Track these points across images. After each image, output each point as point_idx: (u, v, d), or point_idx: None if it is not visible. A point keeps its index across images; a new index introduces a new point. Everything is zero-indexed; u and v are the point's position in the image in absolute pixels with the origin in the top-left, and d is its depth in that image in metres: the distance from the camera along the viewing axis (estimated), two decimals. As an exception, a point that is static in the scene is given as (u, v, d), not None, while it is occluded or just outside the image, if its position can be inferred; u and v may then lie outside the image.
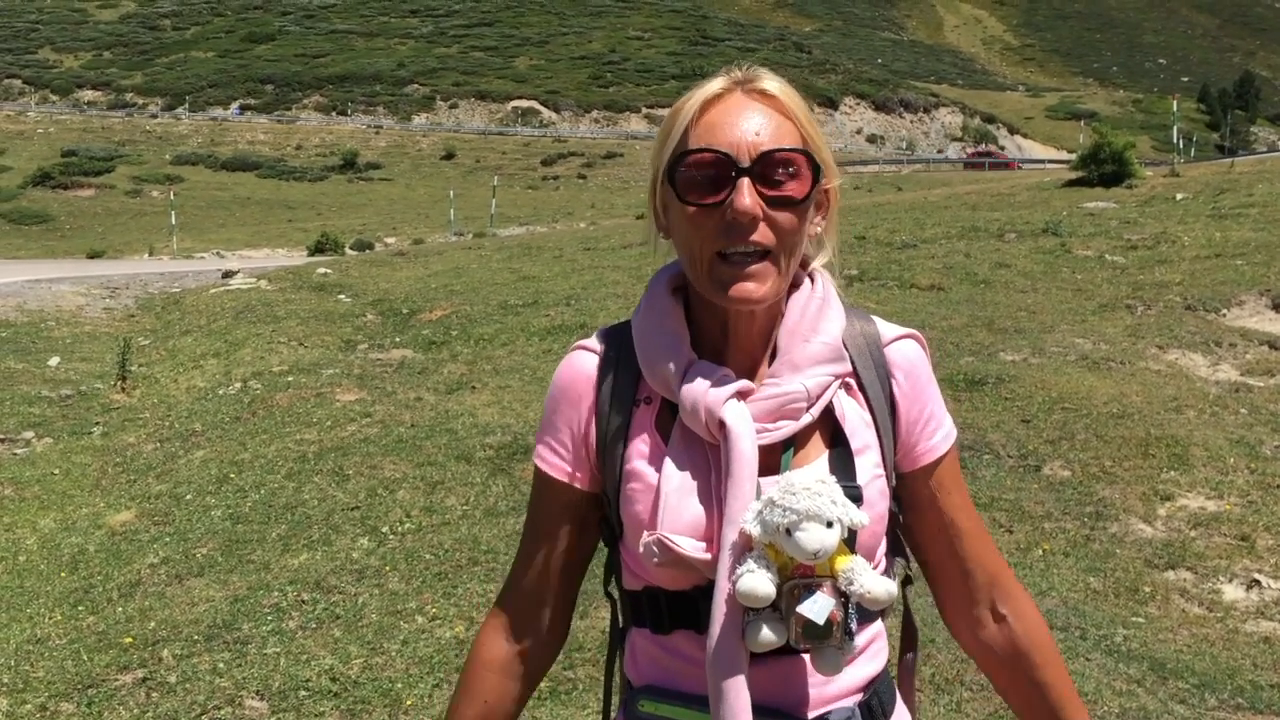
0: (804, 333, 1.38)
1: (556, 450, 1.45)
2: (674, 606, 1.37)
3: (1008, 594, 1.46)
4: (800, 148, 1.33)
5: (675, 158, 1.34)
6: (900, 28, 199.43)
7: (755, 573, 1.24)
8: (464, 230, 37.93)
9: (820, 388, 1.36)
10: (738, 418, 1.31)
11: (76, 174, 63.60)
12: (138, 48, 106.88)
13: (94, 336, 13.29)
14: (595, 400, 1.42)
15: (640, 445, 1.39)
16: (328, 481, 6.55)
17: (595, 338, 1.47)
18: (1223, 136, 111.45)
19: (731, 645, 1.28)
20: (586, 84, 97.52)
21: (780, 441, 1.35)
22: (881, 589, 1.26)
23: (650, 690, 1.40)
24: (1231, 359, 8.84)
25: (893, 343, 1.44)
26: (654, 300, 1.44)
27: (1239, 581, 5.25)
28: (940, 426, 1.45)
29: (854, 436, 1.38)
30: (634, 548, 1.37)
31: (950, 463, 1.46)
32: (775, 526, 1.23)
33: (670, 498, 1.33)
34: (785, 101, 1.36)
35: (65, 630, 4.92)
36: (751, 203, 1.29)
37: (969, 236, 14.97)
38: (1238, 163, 24.75)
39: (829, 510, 1.23)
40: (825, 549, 1.23)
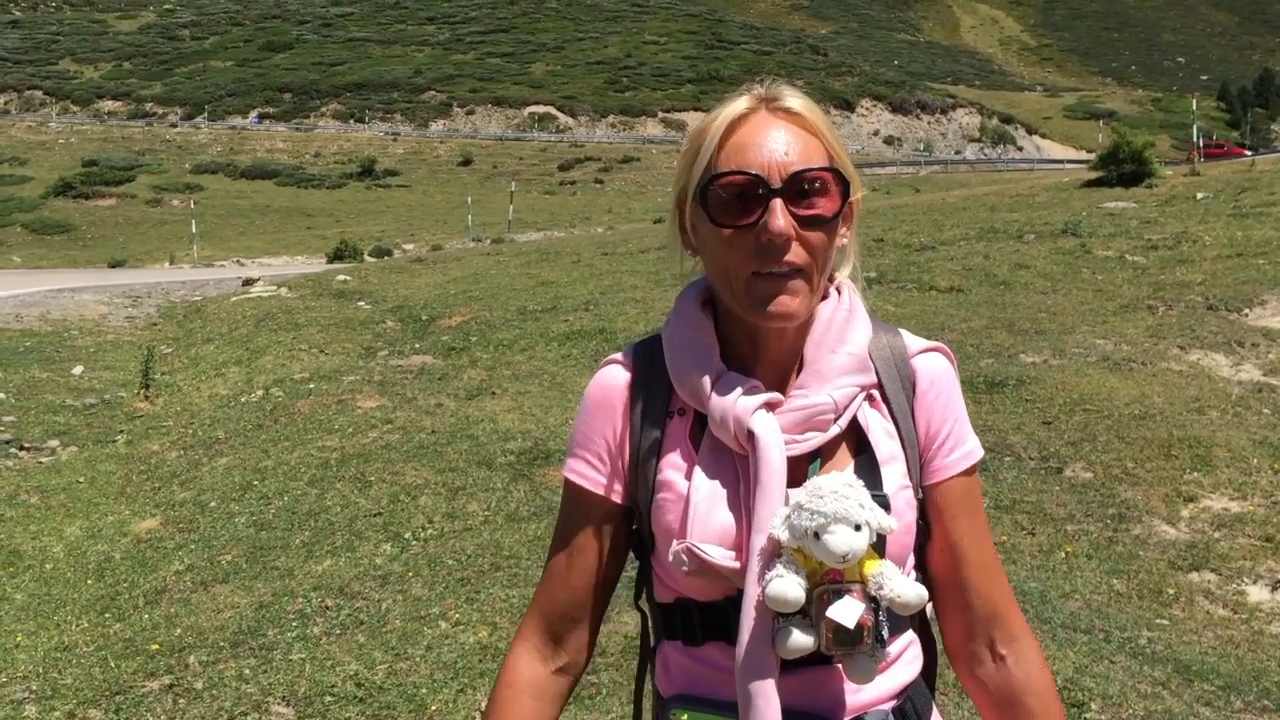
0: (830, 344, 1.39)
1: (591, 463, 1.45)
2: (706, 618, 1.38)
3: (1010, 635, 1.43)
4: (829, 165, 1.34)
5: (706, 180, 1.35)
6: (916, 29, 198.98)
7: (784, 577, 1.24)
8: (482, 236, 38.05)
9: (847, 399, 1.37)
10: (766, 428, 1.32)
11: (97, 184, 64.11)
12: (157, 58, 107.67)
13: (117, 345, 13.40)
14: (629, 413, 1.43)
15: (673, 457, 1.40)
16: (350, 488, 6.58)
17: (626, 352, 1.48)
18: (1243, 135, 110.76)
19: (761, 651, 1.28)
20: (603, 89, 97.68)
21: (808, 453, 1.35)
22: (912, 593, 1.25)
23: (682, 698, 1.40)
24: (1254, 359, 8.79)
25: (919, 355, 1.44)
26: (684, 314, 1.45)
27: (1264, 583, 5.23)
28: (959, 445, 1.43)
29: (879, 447, 1.38)
30: (664, 558, 1.38)
31: (964, 485, 1.43)
32: (803, 530, 1.24)
33: (699, 506, 1.34)
34: (810, 118, 1.37)
35: (92, 637, 4.96)
36: (785, 224, 1.30)
37: (988, 238, 14.92)
38: (1258, 161, 24.62)
39: (857, 513, 1.23)
40: (854, 551, 1.23)
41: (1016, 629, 1.43)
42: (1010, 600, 1.45)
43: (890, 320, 1.49)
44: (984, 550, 1.44)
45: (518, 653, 1.48)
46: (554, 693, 1.48)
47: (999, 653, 1.42)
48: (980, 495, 1.47)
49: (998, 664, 1.42)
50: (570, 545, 1.47)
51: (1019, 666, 1.42)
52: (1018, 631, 1.43)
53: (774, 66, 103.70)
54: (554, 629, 1.47)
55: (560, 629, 1.47)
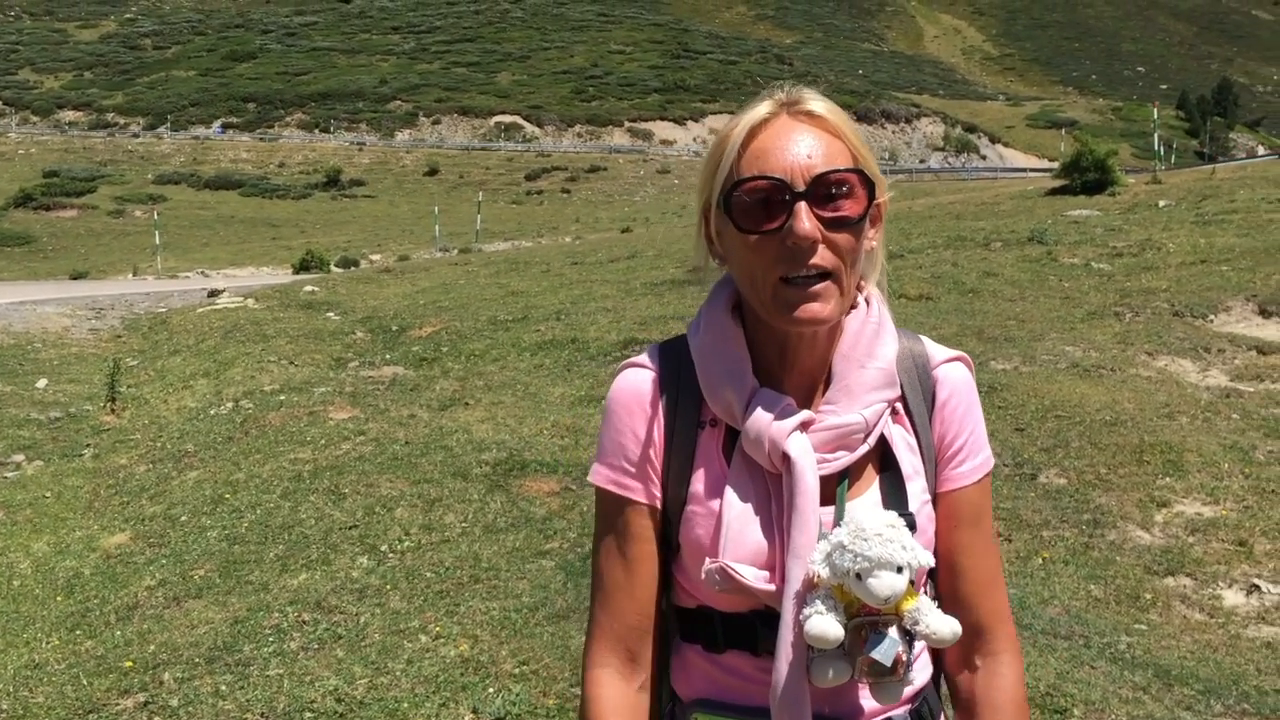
0: (859, 358, 1.38)
1: (626, 470, 1.42)
2: (729, 627, 1.37)
3: (989, 650, 1.44)
4: (853, 167, 1.33)
5: (730, 186, 1.33)
6: (880, 39, 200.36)
7: (824, 615, 1.24)
8: (449, 246, 37.90)
9: (876, 416, 1.36)
10: (802, 451, 1.32)
11: (58, 194, 63.33)
12: (119, 67, 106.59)
13: (81, 358, 13.23)
14: (659, 419, 1.41)
15: (704, 469, 1.39)
16: (324, 500, 6.52)
17: (649, 355, 1.46)
18: (1202, 143, 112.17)
19: (797, 680, 1.29)
20: (569, 98, 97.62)
21: (837, 472, 1.35)
22: (948, 630, 1.27)
23: (704, 704, 1.40)
24: (1221, 364, 8.88)
25: (942, 365, 1.44)
26: (714, 321, 1.42)
27: (1239, 587, 5.27)
28: (971, 457, 1.43)
29: (904, 464, 1.38)
30: (689, 568, 1.37)
31: (972, 496, 1.43)
32: (845, 571, 1.24)
33: (732, 526, 1.33)
34: (832, 121, 1.36)
35: (63, 655, 4.88)
36: (811, 227, 1.29)
37: (955, 246, 15.02)
38: (1218, 169, 24.92)
39: (900, 556, 1.23)
40: (896, 594, 1.23)
41: (999, 645, 1.44)
42: (1000, 616, 1.45)
43: None
44: (982, 563, 1.44)
45: (600, 680, 1.44)
46: (643, 709, 1.45)
47: (975, 664, 1.44)
48: (989, 506, 1.47)
49: (971, 674, 1.44)
50: (625, 557, 1.43)
51: (987, 680, 1.43)
52: (999, 648, 1.44)
53: (739, 76, 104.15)
54: (629, 646, 1.44)
55: (635, 645, 1.44)
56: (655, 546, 1.43)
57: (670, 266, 15.70)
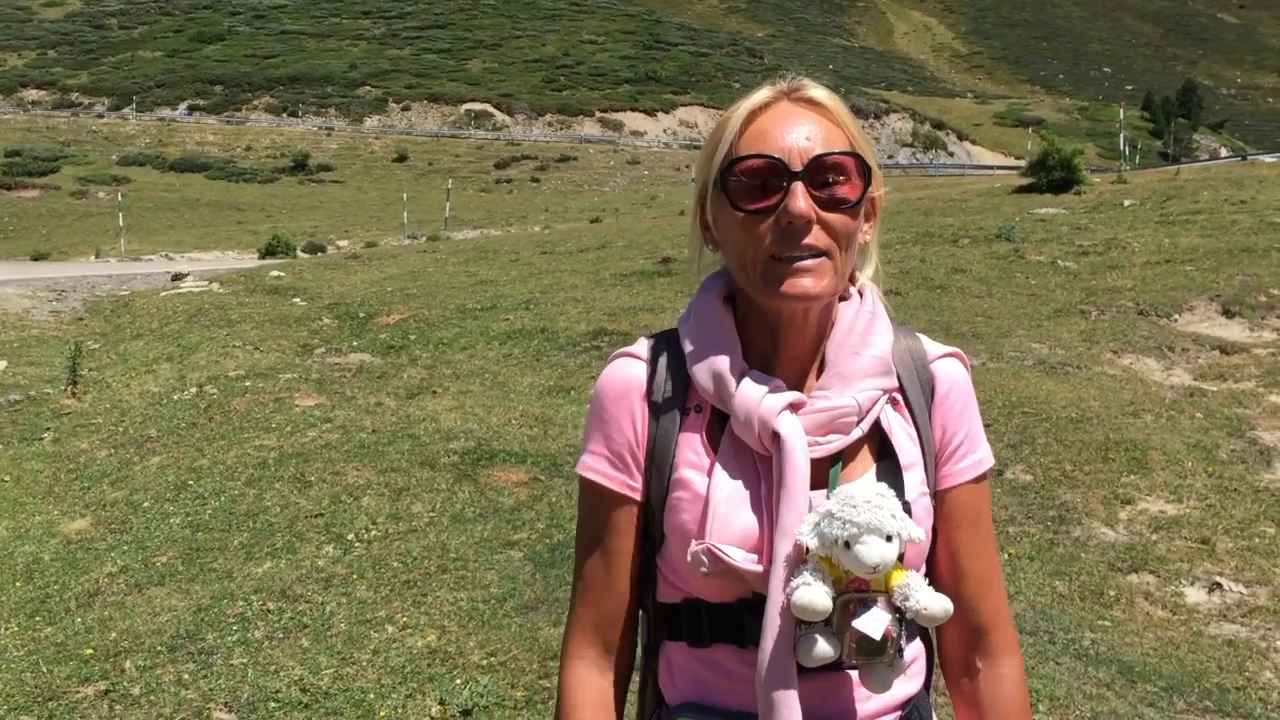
0: (853, 345, 1.37)
1: (612, 461, 1.41)
2: (715, 619, 1.35)
3: (990, 650, 1.43)
4: (851, 150, 1.33)
5: (726, 164, 1.33)
6: (851, 34, 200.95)
7: (812, 585, 1.22)
8: (418, 233, 37.70)
9: (870, 402, 1.35)
10: (792, 430, 1.30)
11: (20, 174, 62.53)
12: (84, 46, 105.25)
13: (42, 340, 13.04)
14: (645, 408, 1.40)
15: (689, 454, 1.37)
16: (289, 488, 6.46)
17: (640, 344, 1.45)
18: (1166, 144, 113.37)
19: (784, 659, 1.26)
20: (540, 87, 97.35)
21: (829, 455, 1.33)
22: (939, 605, 1.24)
23: (689, 708, 1.37)
24: (1185, 363, 8.98)
25: (938, 360, 1.43)
26: (705, 308, 1.41)
27: (1200, 584, 5.33)
28: (970, 453, 1.42)
29: (902, 452, 1.36)
30: (675, 559, 1.36)
31: (972, 493, 1.42)
32: (834, 539, 1.22)
33: (720, 507, 1.32)
34: (833, 108, 1.35)
35: (22, 641, 4.81)
36: (805, 206, 1.28)
37: (924, 242, 15.09)
38: (1182, 170, 25.19)
39: (889, 524, 1.21)
40: (885, 563, 1.21)
41: (999, 646, 1.44)
42: (1000, 616, 1.45)
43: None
44: (982, 563, 1.44)
45: (577, 671, 1.43)
46: (617, 702, 1.45)
47: (976, 666, 1.43)
48: (988, 504, 1.46)
49: (973, 677, 1.43)
50: (605, 549, 1.42)
51: (990, 682, 1.43)
52: (999, 649, 1.44)
53: (711, 68, 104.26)
54: (606, 638, 1.44)
55: (612, 636, 1.44)
56: (636, 540, 1.41)
57: (640, 257, 15.67)
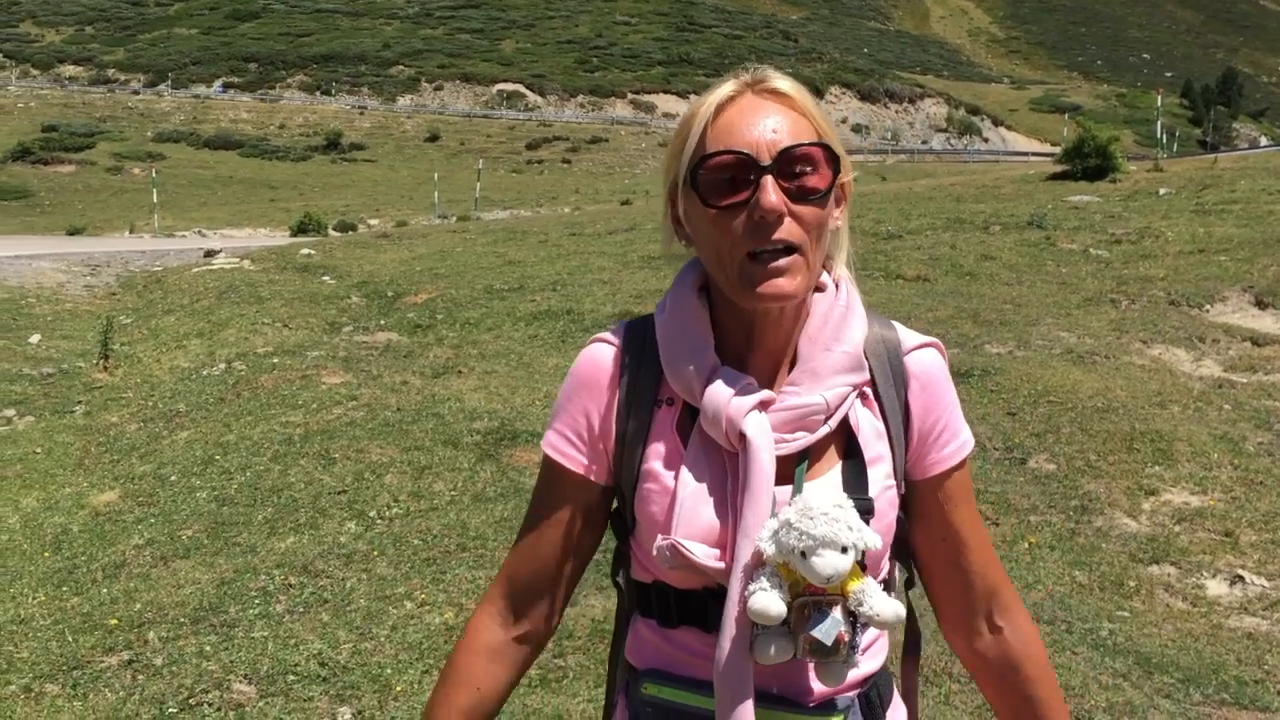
0: (826, 340, 1.38)
1: (572, 441, 1.44)
2: (681, 604, 1.39)
3: (1006, 608, 1.48)
4: (818, 140, 1.34)
5: (695, 162, 1.34)
6: (886, 18, 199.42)
7: (768, 591, 1.26)
8: (448, 213, 37.77)
9: (839, 399, 1.37)
10: (758, 430, 1.32)
11: (57, 149, 63.04)
12: (120, 23, 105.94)
13: (75, 314, 13.20)
14: (616, 396, 1.42)
15: (659, 446, 1.39)
16: (314, 464, 6.52)
17: (615, 331, 1.47)
18: (1205, 132, 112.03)
19: (740, 658, 1.30)
20: (572, 68, 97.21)
21: (796, 453, 1.36)
22: (890, 612, 1.28)
23: (655, 674, 1.42)
24: (1215, 355, 8.89)
25: (913, 351, 1.45)
26: (680, 300, 1.43)
27: (1222, 577, 5.29)
28: (954, 438, 1.45)
29: (867, 448, 1.39)
30: (645, 544, 1.39)
31: (961, 475, 1.46)
32: (790, 549, 1.25)
33: (686, 504, 1.35)
34: (797, 99, 1.36)
35: (49, 611, 4.89)
36: (777, 200, 1.30)
37: (954, 228, 14.99)
38: (1220, 158, 24.85)
39: (845, 536, 1.24)
40: (839, 574, 1.24)
41: (1010, 601, 1.49)
42: (1003, 574, 1.50)
43: None
44: (978, 532, 1.48)
45: (479, 616, 1.50)
46: (512, 658, 1.49)
47: (996, 624, 1.48)
48: (971, 482, 1.50)
49: (996, 636, 1.48)
50: (544, 520, 1.47)
51: (1015, 636, 1.48)
52: (1011, 603, 1.49)
53: (744, 51, 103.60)
54: (518, 598, 1.48)
55: (524, 598, 1.48)
56: (577, 518, 1.45)
57: (668, 240, 15.64)
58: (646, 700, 1.41)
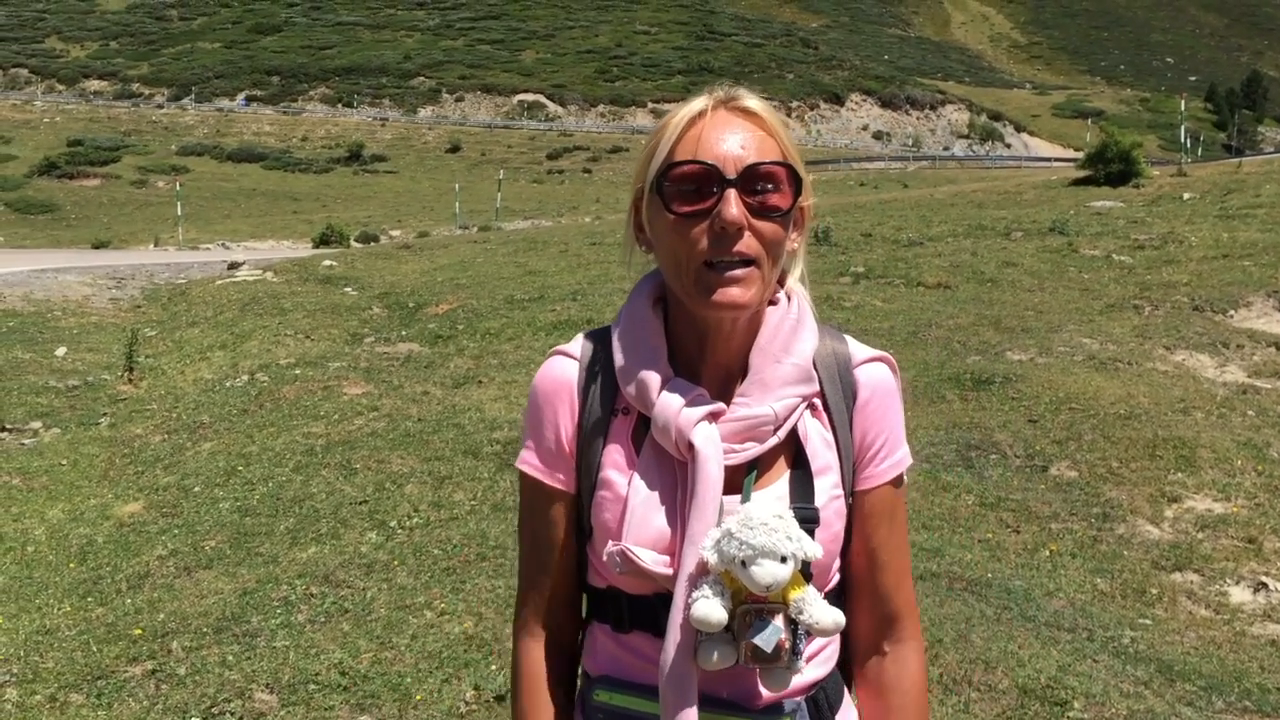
0: (775, 353, 1.41)
1: (543, 455, 1.48)
2: (634, 609, 1.42)
3: (899, 637, 1.49)
4: (783, 160, 1.37)
5: (663, 169, 1.37)
6: (907, 24, 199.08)
7: (709, 599, 1.29)
8: (469, 224, 37.93)
9: (787, 410, 1.39)
10: (706, 441, 1.35)
11: (82, 164, 63.64)
12: (144, 38, 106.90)
13: (100, 327, 13.32)
14: (575, 406, 1.46)
15: (614, 455, 1.43)
16: (335, 475, 6.56)
17: (576, 343, 1.51)
18: (1230, 136, 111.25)
19: (684, 662, 1.33)
20: (593, 78, 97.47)
21: (745, 462, 1.38)
22: (829, 620, 1.31)
23: (606, 680, 1.45)
24: (1239, 360, 8.83)
25: (863, 364, 1.47)
26: (635, 312, 1.46)
27: (1246, 584, 5.26)
28: (889, 455, 1.47)
29: (815, 458, 1.41)
30: (600, 551, 1.42)
31: (889, 494, 1.47)
32: (731, 558, 1.28)
33: (636, 511, 1.38)
34: (766, 119, 1.39)
35: (74, 621, 4.93)
36: (738, 213, 1.33)
37: (975, 235, 14.96)
38: (1245, 163, 24.69)
39: (784, 546, 1.27)
40: (778, 583, 1.27)
41: (907, 633, 1.51)
42: (911, 605, 1.52)
43: (878, 316, 1.50)
44: (898, 556, 1.50)
45: (525, 648, 1.52)
46: (566, 674, 1.53)
47: (884, 649, 1.50)
48: (904, 502, 1.52)
49: (880, 659, 1.50)
50: (539, 539, 1.50)
51: (894, 665, 1.49)
52: (907, 635, 1.51)
53: (764, 59, 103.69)
54: (551, 617, 1.52)
55: (556, 615, 1.52)
56: (566, 530, 1.48)
57: (688, 249, 15.67)
58: (597, 706, 1.45)
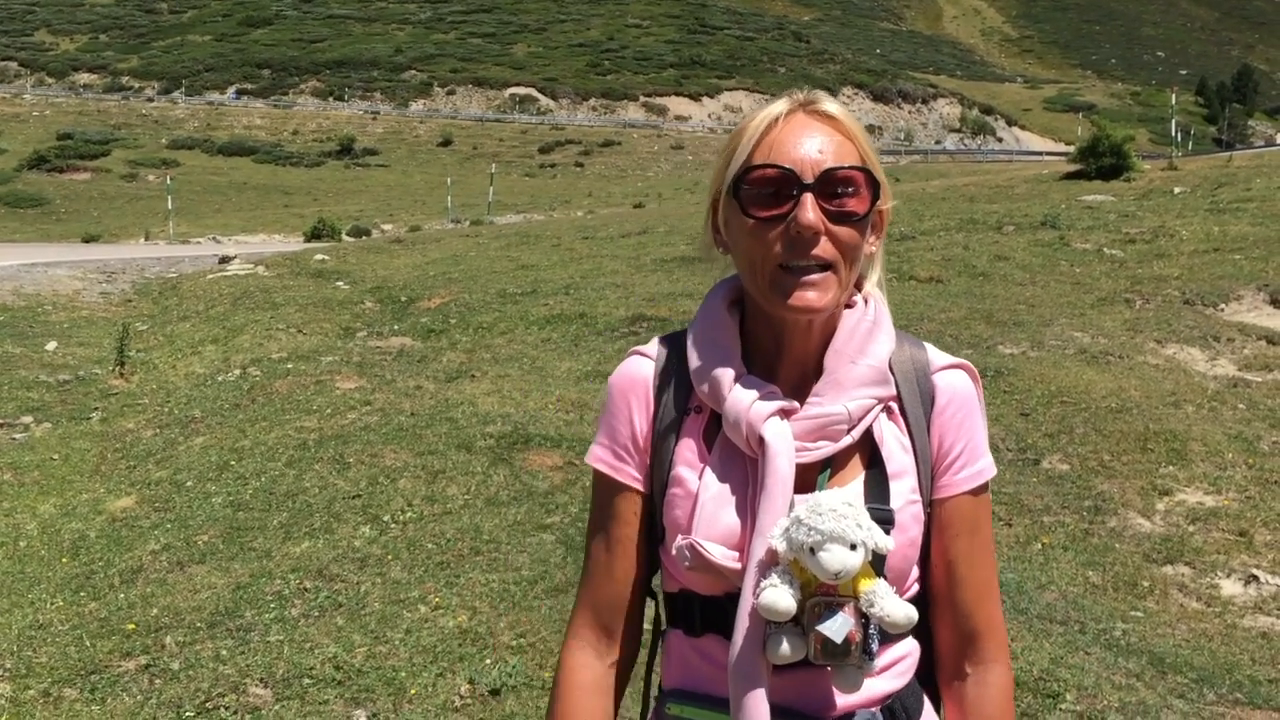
0: (851, 354, 1.40)
1: (617, 453, 1.47)
2: (706, 610, 1.40)
3: (980, 658, 1.46)
4: (861, 165, 1.37)
5: (740, 173, 1.37)
6: (899, 18, 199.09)
7: (778, 588, 1.27)
8: (461, 218, 37.89)
9: (862, 410, 1.38)
10: (777, 435, 1.34)
11: (72, 157, 63.45)
12: (134, 31, 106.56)
13: (91, 321, 13.27)
14: (650, 404, 1.46)
15: (686, 453, 1.42)
16: (328, 469, 6.55)
17: (653, 344, 1.51)
18: (1220, 130, 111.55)
19: (752, 655, 1.31)
20: (584, 72, 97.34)
21: (818, 461, 1.37)
22: (901, 614, 1.28)
23: (678, 694, 1.43)
24: (1230, 354, 8.86)
25: (942, 371, 1.46)
26: (710, 313, 1.46)
27: (1237, 577, 5.28)
28: (969, 464, 1.44)
29: (890, 460, 1.39)
30: (672, 552, 1.40)
31: (970, 503, 1.45)
32: (800, 544, 1.26)
33: (707, 505, 1.37)
34: (845, 123, 1.39)
35: (67, 616, 4.93)
36: (815, 218, 1.32)
37: (967, 229, 14.97)
38: (1236, 157, 24.74)
39: (853, 532, 1.25)
40: (847, 570, 1.25)
41: (989, 654, 1.46)
42: (994, 624, 1.47)
43: None
44: (978, 571, 1.46)
45: (573, 652, 1.50)
46: (611, 687, 1.50)
47: (965, 671, 1.46)
48: (988, 514, 1.48)
49: (961, 681, 1.46)
50: (609, 537, 1.48)
51: (976, 688, 1.45)
52: (989, 656, 1.46)
53: (756, 52, 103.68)
54: (605, 623, 1.49)
55: (611, 622, 1.49)
56: (637, 529, 1.47)
57: (681, 243, 15.67)
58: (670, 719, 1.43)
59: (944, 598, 1.45)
